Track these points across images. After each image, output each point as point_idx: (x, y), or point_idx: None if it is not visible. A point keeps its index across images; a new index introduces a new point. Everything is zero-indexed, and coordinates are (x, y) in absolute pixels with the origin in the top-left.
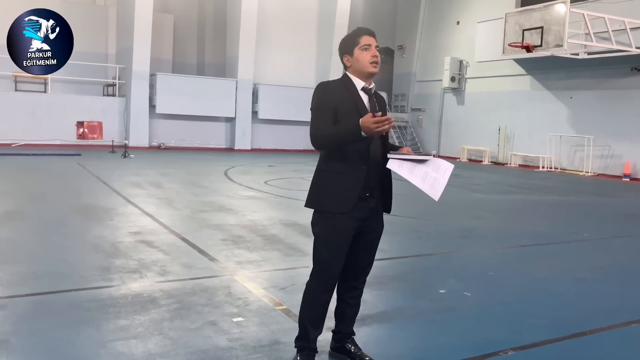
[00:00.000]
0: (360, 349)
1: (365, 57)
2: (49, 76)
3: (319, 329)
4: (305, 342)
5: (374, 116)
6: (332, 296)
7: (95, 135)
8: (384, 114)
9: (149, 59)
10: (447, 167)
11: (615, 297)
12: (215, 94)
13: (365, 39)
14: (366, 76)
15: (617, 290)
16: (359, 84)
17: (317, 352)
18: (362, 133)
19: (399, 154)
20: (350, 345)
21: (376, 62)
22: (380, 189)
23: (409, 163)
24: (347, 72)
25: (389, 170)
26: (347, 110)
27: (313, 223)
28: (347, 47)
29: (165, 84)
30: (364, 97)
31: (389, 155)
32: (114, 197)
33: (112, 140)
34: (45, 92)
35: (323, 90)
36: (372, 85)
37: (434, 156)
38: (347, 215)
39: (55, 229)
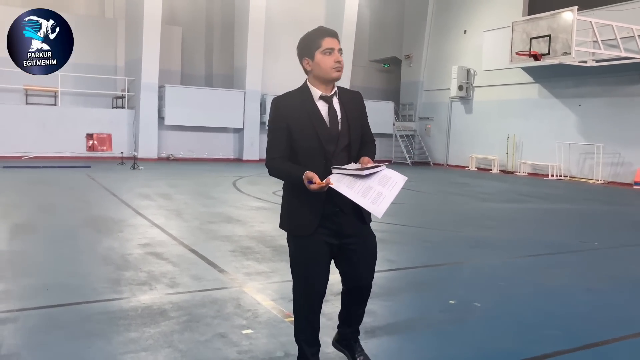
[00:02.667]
0: (363, 351)
1: (327, 62)
2: (59, 89)
3: (314, 346)
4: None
5: (311, 182)
6: (320, 313)
7: (105, 147)
8: (357, 115)
9: (158, 70)
10: (398, 180)
11: (628, 307)
12: (224, 105)
13: (328, 42)
14: (327, 82)
15: (629, 300)
16: (316, 93)
17: None
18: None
19: (341, 168)
20: (353, 345)
21: (339, 68)
22: (351, 202)
23: (348, 178)
24: (307, 80)
25: None
26: (302, 127)
27: (287, 242)
28: (307, 49)
29: (173, 95)
30: (323, 108)
31: (333, 170)
32: (123, 209)
33: (122, 152)
34: (55, 104)
35: (275, 108)
36: (333, 91)
37: (386, 166)
38: (313, 236)
39: (65, 241)
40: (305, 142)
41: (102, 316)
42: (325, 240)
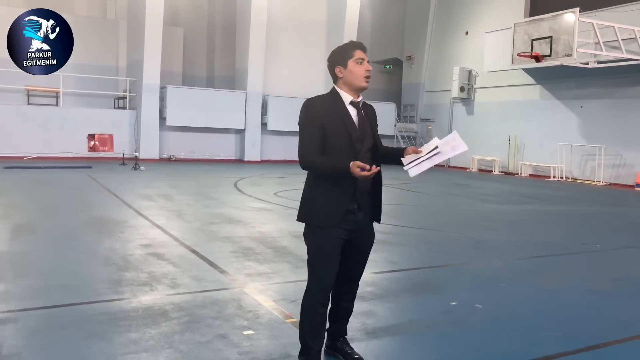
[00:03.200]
0: (352, 348)
1: (359, 70)
2: (60, 89)
3: (319, 342)
4: (308, 357)
5: (363, 170)
6: (328, 308)
7: (106, 148)
8: (374, 124)
9: (159, 71)
10: (453, 136)
11: (629, 309)
12: (225, 106)
13: (359, 53)
14: (356, 90)
15: (631, 302)
16: (346, 98)
17: None
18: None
19: (411, 160)
20: (342, 344)
21: (368, 77)
22: (370, 200)
23: (426, 161)
24: (335, 86)
25: (379, 181)
26: (335, 128)
27: (304, 236)
28: (340, 58)
29: (175, 96)
30: (352, 111)
31: (405, 168)
32: (124, 210)
33: (123, 153)
34: (56, 105)
35: (309, 108)
36: (360, 99)
37: (437, 138)
38: (334, 227)
39: (66, 242)
40: (337, 141)
41: (103, 317)
42: (341, 235)
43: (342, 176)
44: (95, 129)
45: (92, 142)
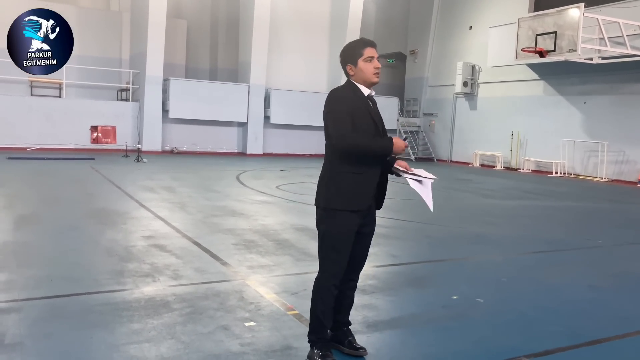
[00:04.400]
0: (355, 339)
1: (369, 68)
2: (64, 81)
3: (330, 322)
4: (319, 335)
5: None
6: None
7: (109, 140)
8: (379, 116)
9: (162, 64)
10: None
11: (630, 305)
12: (228, 99)
13: (369, 51)
14: (368, 85)
15: (632, 297)
16: (365, 91)
17: (329, 341)
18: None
19: (410, 173)
20: (345, 333)
21: (378, 73)
22: (377, 189)
23: (416, 182)
24: (352, 80)
25: (386, 170)
26: (361, 116)
27: (319, 221)
28: (350, 57)
29: (178, 89)
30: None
31: (406, 177)
32: (127, 201)
33: (126, 145)
34: (59, 96)
35: (339, 96)
36: (373, 93)
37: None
38: (358, 213)
39: (69, 233)
40: (365, 130)
41: (106, 307)
42: (358, 220)
43: (384, 153)
44: (98, 120)
45: (95, 134)
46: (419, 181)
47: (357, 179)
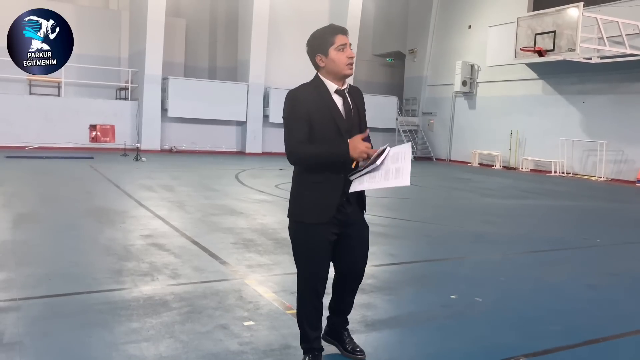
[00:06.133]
0: (353, 339)
1: (341, 58)
2: (62, 79)
3: (318, 330)
4: (308, 344)
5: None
6: (323, 298)
7: (108, 139)
8: (362, 109)
9: (161, 62)
10: (405, 150)
11: (629, 304)
12: (227, 97)
13: (341, 39)
14: (340, 78)
15: (630, 297)
16: (331, 87)
17: (323, 350)
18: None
19: (356, 172)
20: (343, 335)
21: (352, 64)
22: (356, 192)
23: (367, 176)
24: (319, 74)
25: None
26: (322, 119)
27: (289, 233)
28: (320, 46)
29: (177, 87)
30: (338, 101)
31: (350, 178)
32: (125, 200)
33: (124, 144)
34: (58, 95)
35: (294, 99)
36: (345, 86)
37: (388, 147)
38: (326, 225)
39: (67, 232)
40: (325, 133)
41: (104, 306)
42: (333, 230)
43: (340, 159)
44: (97, 119)
45: (94, 133)
46: (378, 165)
47: (318, 189)
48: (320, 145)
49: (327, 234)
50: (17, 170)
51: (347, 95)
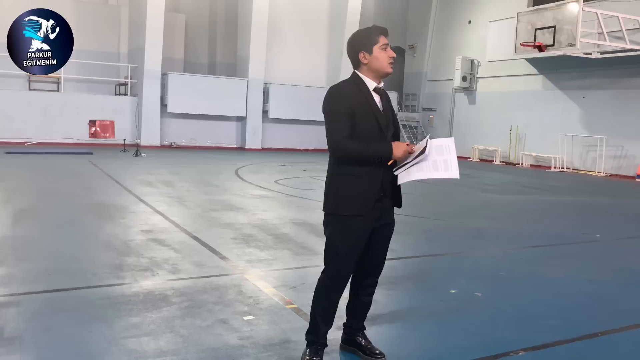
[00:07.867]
0: (371, 342)
1: (384, 57)
2: (62, 75)
3: (329, 325)
4: (315, 337)
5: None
6: (342, 294)
7: (107, 134)
8: (392, 111)
9: (161, 58)
10: (449, 143)
11: (628, 299)
12: (227, 93)
13: (384, 39)
14: (380, 76)
15: (630, 291)
16: (371, 84)
17: (326, 345)
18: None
19: (402, 166)
20: (360, 339)
21: (392, 63)
22: (391, 187)
23: (415, 166)
24: (357, 72)
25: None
26: (363, 114)
27: (324, 225)
28: (364, 44)
29: (176, 83)
30: (376, 98)
31: (395, 172)
32: (125, 196)
33: (124, 139)
34: (58, 91)
35: (337, 95)
36: (382, 85)
37: (429, 139)
38: (363, 217)
39: (68, 227)
40: (367, 129)
41: (104, 301)
42: (370, 224)
43: (382, 158)
44: (96, 115)
45: (94, 128)
46: (423, 156)
47: (357, 182)
48: (365, 143)
49: (364, 228)
50: (16, 166)
51: (384, 93)
